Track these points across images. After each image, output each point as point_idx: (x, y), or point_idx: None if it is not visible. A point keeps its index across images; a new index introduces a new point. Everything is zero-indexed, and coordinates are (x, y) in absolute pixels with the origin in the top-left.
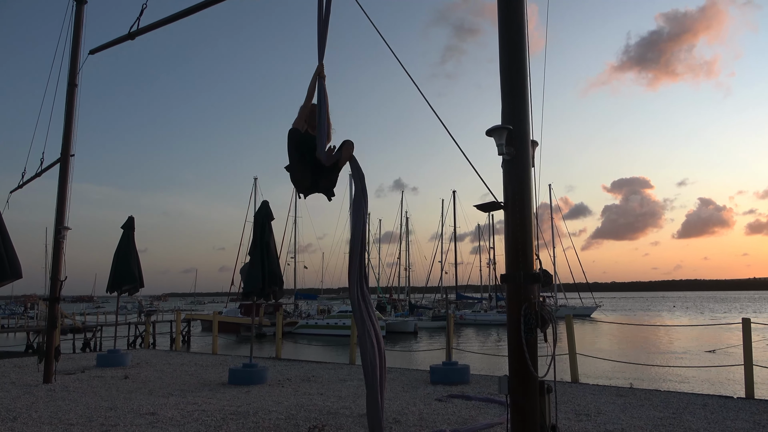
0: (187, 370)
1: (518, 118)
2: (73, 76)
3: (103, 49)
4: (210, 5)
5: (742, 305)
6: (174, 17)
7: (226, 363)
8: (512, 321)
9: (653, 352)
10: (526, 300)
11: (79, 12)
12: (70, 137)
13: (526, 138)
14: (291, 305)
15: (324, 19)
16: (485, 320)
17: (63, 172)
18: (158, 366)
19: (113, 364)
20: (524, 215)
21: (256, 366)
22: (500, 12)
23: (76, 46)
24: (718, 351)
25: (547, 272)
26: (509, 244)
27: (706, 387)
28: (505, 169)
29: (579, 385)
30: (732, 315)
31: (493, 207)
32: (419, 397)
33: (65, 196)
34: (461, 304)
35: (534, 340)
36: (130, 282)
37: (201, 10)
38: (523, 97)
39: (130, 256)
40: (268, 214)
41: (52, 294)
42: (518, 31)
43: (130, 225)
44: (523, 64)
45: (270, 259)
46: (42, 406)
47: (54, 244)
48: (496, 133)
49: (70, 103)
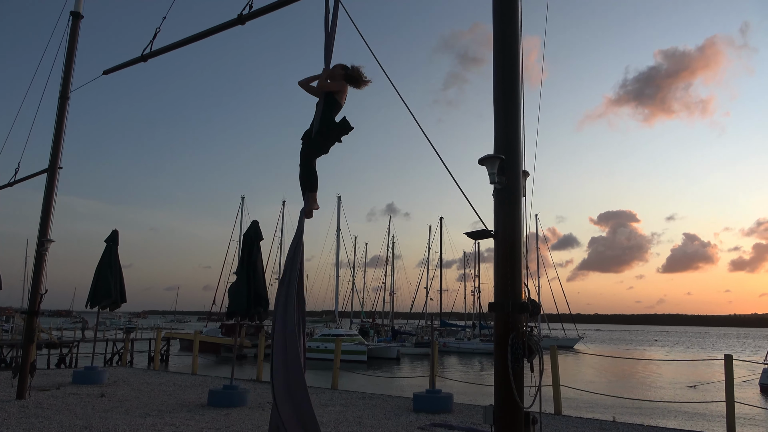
0: (166, 389)
1: (511, 148)
2: (66, 88)
3: (117, 70)
4: (218, 32)
5: (727, 342)
6: (185, 41)
7: (206, 384)
8: (499, 350)
9: (636, 385)
10: (513, 329)
11: (74, 27)
12: (59, 149)
13: (518, 168)
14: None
15: (330, 32)
16: (469, 348)
17: (49, 184)
18: (136, 385)
19: (89, 381)
20: (514, 244)
21: (237, 388)
22: (496, 44)
23: (70, 60)
24: (699, 387)
25: (535, 302)
26: (498, 272)
27: (689, 423)
28: (497, 198)
29: (562, 417)
30: (712, 350)
31: (484, 235)
32: (402, 425)
33: (50, 209)
34: (445, 331)
35: (521, 371)
36: (110, 297)
37: (212, 35)
38: (516, 128)
39: (111, 270)
40: (258, 234)
41: (31, 307)
42: (513, 63)
43: (113, 238)
44: (516, 95)
45: (256, 280)
46: (14, 422)
47: (36, 256)
48: (489, 162)
49: (60, 115)
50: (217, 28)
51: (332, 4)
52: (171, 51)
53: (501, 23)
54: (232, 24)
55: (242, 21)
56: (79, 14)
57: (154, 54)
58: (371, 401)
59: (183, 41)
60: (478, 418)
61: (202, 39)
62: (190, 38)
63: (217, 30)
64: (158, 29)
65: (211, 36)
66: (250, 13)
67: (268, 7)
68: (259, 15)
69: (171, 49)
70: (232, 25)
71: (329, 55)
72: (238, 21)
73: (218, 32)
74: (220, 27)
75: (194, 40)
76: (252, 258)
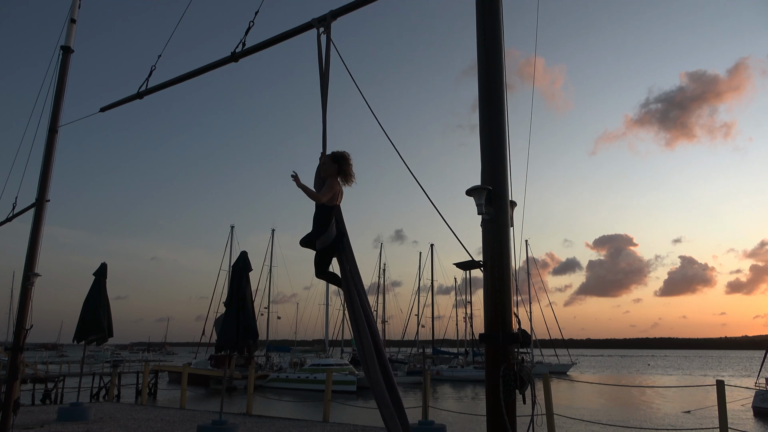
0: (153, 426)
1: (498, 179)
2: (55, 122)
3: (113, 107)
4: (212, 69)
5: (719, 364)
6: (180, 78)
7: (195, 419)
8: (491, 382)
9: (630, 412)
10: (504, 360)
11: (65, 61)
12: (47, 182)
13: (506, 198)
14: (263, 357)
15: (324, 72)
16: (462, 376)
17: (37, 218)
18: (122, 421)
19: (75, 418)
20: (503, 275)
21: (226, 423)
22: (480, 74)
23: (60, 94)
24: (694, 412)
25: (525, 332)
26: (488, 303)
27: None
28: (485, 228)
29: None
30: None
31: (473, 266)
32: None
33: (37, 242)
34: (438, 359)
35: (513, 402)
36: (98, 332)
37: (205, 73)
38: (503, 159)
39: (99, 304)
40: (246, 265)
41: (16, 343)
42: (497, 94)
43: (102, 272)
44: (502, 127)
45: (246, 312)
46: None
47: (21, 291)
48: (476, 193)
49: (49, 148)
50: (210, 65)
51: (325, 45)
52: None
53: (485, 49)
54: (225, 62)
55: (235, 58)
56: (69, 48)
57: (150, 91)
58: None
59: (178, 78)
60: None
61: (197, 76)
62: (186, 75)
63: (211, 67)
64: (154, 67)
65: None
66: (243, 50)
67: (260, 45)
68: (252, 53)
69: (167, 86)
70: (226, 63)
71: (325, 95)
72: (231, 59)
73: (212, 69)
74: (214, 65)
75: (189, 77)
76: (241, 290)
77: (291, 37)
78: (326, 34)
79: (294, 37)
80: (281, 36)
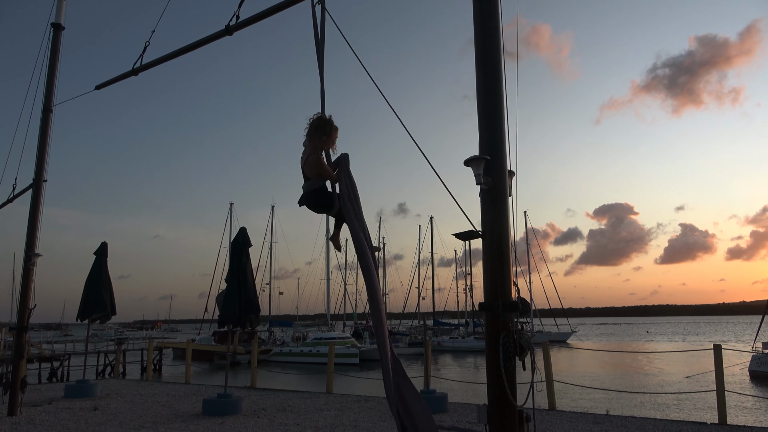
0: (159, 400)
1: (496, 148)
2: (49, 101)
3: (109, 85)
4: (207, 43)
5: (717, 329)
6: (175, 54)
7: (200, 393)
8: (491, 350)
9: (629, 377)
10: (504, 328)
11: (56, 38)
12: (43, 162)
13: (504, 168)
14: (266, 332)
15: (320, 42)
16: (463, 347)
17: (35, 198)
18: (129, 397)
19: (82, 395)
20: (502, 244)
21: (231, 396)
22: (477, 45)
23: (53, 72)
24: (693, 376)
25: (524, 300)
26: (487, 273)
27: (682, 413)
28: (483, 198)
29: (556, 412)
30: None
31: (472, 236)
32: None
33: (36, 222)
34: (439, 330)
35: (512, 369)
36: (101, 310)
37: (200, 47)
38: (501, 128)
39: (101, 283)
40: (246, 241)
41: (20, 323)
42: (495, 65)
43: (102, 251)
44: (500, 97)
45: (246, 287)
46: None
47: (23, 271)
48: (474, 163)
49: (44, 128)
50: (205, 39)
51: (320, 14)
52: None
53: (481, 20)
54: (220, 35)
55: (230, 32)
56: (60, 25)
57: (145, 67)
58: (366, 404)
59: (173, 54)
60: (472, 417)
61: (192, 51)
62: (180, 50)
63: (206, 42)
64: (148, 42)
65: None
66: (237, 23)
67: (254, 17)
68: (246, 25)
69: (161, 62)
70: (221, 36)
71: (321, 64)
72: (225, 32)
73: (207, 44)
74: (209, 39)
75: (184, 52)
76: (241, 265)
77: (286, 8)
78: (321, 4)
79: (290, 8)
80: (276, 7)
